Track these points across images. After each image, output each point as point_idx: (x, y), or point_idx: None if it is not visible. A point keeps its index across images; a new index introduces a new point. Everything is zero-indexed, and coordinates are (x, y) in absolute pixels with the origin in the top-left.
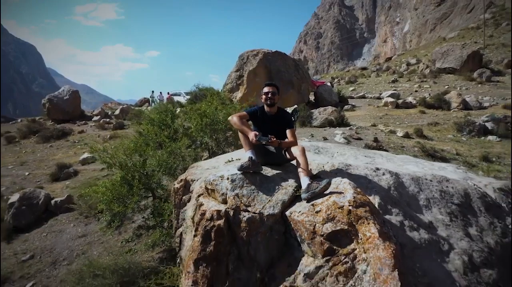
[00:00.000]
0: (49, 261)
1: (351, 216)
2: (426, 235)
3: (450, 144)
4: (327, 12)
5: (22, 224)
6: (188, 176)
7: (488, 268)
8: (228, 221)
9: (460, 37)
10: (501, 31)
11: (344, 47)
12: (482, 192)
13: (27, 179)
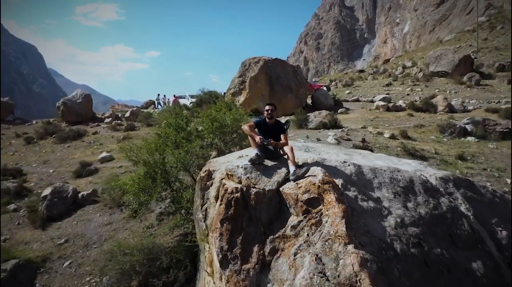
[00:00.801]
0: (82, 244)
1: (319, 189)
2: (373, 205)
3: (431, 144)
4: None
5: (54, 214)
6: (210, 168)
7: (414, 227)
8: (242, 194)
9: (456, 40)
10: (495, 34)
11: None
12: (425, 180)
13: (52, 176)
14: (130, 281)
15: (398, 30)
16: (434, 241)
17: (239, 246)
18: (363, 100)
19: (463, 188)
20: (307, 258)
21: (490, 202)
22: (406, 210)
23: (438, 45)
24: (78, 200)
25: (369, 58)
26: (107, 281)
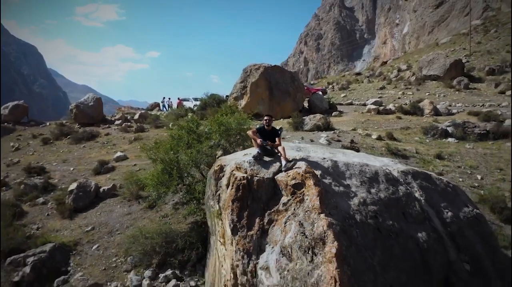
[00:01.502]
0: (106, 231)
1: (302, 177)
2: (343, 189)
3: (414, 145)
4: (327, 13)
5: (80, 206)
6: (222, 163)
7: (373, 205)
8: (247, 181)
9: (452, 43)
10: (488, 38)
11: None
12: (388, 173)
13: (73, 173)
14: (151, 260)
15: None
16: (388, 216)
17: (245, 218)
18: (356, 103)
19: (420, 179)
20: (293, 224)
21: (442, 191)
22: (369, 194)
23: (434, 48)
24: (99, 194)
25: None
26: (131, 260)
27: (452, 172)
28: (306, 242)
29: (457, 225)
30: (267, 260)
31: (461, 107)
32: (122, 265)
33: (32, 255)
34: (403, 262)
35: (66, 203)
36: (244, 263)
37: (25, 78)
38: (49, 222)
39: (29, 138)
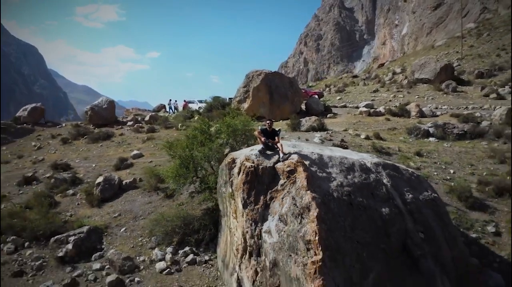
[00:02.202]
0: (131, 217)
1: (295, 165)
2: (325, 175)
3: (397, 143)
4: (327, 14)
5: (106, 196)
6: (233, 156)
7: (348, 187)
8: (254, 168)
9: (446, 46)
10: (481, 41)
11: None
12: (363, 164)
13: (96, 169)
14: (172, 239)
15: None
16: (360, 195)
17: (253, 196)
18: (350, 106)
19: (389, 169)
20: (288, 199)
21: (407, 179)
22: (345, 179)
23: (430, 50)
24: (122, 186)
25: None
26: (155, 240)
27: (429, 167)
28: (297, 210)
29: (416, 205)
30: (269, 226)
31: (446, 109)
32: (147, 243)
33: (73, 235)
34: (368, 227)
35: (94, 194)
36: (252, 229)
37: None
38: (80, 210)
39: (48, 138)
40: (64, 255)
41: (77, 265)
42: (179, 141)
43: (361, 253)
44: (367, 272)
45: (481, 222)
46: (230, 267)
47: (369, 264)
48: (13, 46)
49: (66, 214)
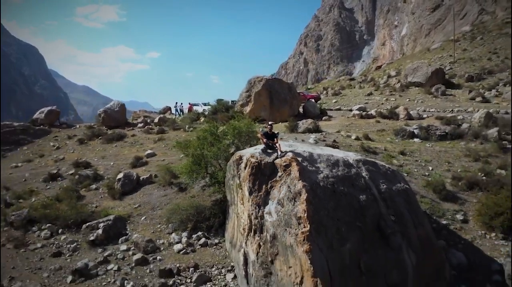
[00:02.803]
0: (149, 207)
1: (290, 160)
2: (314, 169)
3: (384, 144)
4: (327, 14)
5: (126, 190)
6: (241, 154)
7: (332, 178)
8: (258, 163)
9: (441, 49)
10: (474, 45)
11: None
12: (346, 160)
13: (114, 166)
14: (186, 225)
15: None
16: (342, 184)
17: (257, 185)
18: (344, 109)
19: (368, 165)
20: (284, 187)
21: (383, 173)
22: (331, 172)
23: (426, 53)
24: (140, 181)
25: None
26: (172, 226)
27: (410, 164)
28: (291, 195)
29: (389, 194)
30: (269, 208)
31: (434, 112)
32: (165, 229)
33: (102, 222)
34: (348, 209)
35: (116, 188)
36: (256, 211)
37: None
38: (103, 202)
39: (65, 138)
40: (95, 239)
41: (106, 247)
42: (191, 141)
43: (340, 228)
44: (344, 242)
45: (451, 211)
46: (237, 245)
47: (346, 236)
48: (14, 47)
49: (92, 206)
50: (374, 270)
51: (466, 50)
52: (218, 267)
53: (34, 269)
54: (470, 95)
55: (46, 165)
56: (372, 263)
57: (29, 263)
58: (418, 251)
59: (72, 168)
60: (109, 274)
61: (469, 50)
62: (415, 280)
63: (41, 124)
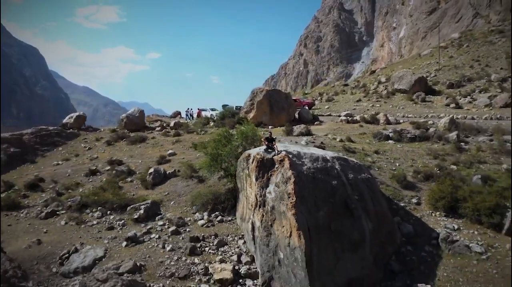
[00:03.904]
0: (176, 195)
1: (283, 157)
2: (300, 163)
3: (363, 145)
4: (326, 15)
5: (156, 182)
6: (249, 153)
7: (313, 169)
8: (262, 159)
9: (430, 55)
10: (460, 53)
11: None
12: (324, 157)
13: (142, 163)
14: (207, 207)
15: (394, 34)
16: (319, 173)
17: (261, 174)
18: (334, 115)
19: (340, 161)
20: (280, 174)
21: (352, 166)
22: (312, 165)
23: (416, 59)
24: (166, 175)
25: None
26: (195, 208)
27: (382, 161)
28: (284, 180)
29: (355, 180)
30: (270, 189)
31: (411, 117)
32: (190, 210)
33: (142, 205)
34: (323, 190)
35: (147, 180)
36: (260, 191)
37: (27, 79)
38: (139, 191)
39: (94, 140)
40: (138, 217)
41: (147, 223)
42: (208, 142)
43: (317, 201)
44: (319, 210)
45: (409, 197)
46: (246, 218)
47: (321, 207)
48: (15, 48)
49: (130, 194)
50: (341, 231)
51: (452, 57)
52: (232, 236)
53: (96, 238)
54: (446, 101)
55: (83, 163)
56: (340, 226)
57: (91, 235)
58: (374, 221)
59: (107, 165)
60: (152, 240)
61: (455, 58)
62: (371, 241)
63: (70, 127)
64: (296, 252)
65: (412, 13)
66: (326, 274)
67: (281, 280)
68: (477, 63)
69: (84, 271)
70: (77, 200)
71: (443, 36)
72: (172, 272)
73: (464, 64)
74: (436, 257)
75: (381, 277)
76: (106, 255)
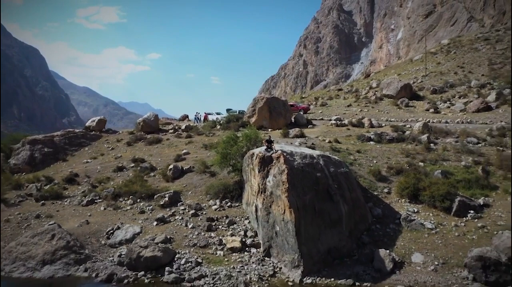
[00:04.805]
0: (193, 186)
1: (279, 154)
2: (292, 159)
3: (348, 145)
4: (326, 17)
5: (175, 176)
6: (253, 152)
7: (302, 164)
8: (263, 156)
9: (421, 61)
10: (447, 59)
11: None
12: (312, 155)
13: (161, 161)
14: (218, 195)
15: (392, 36)
16: (307, 167)
17: (262, 167)
18: (326, 119)
19: (324, 158)
20: (277, 168)
21: (333, 162)
22: (301, 161)
23: (408, 64)
24: (183, 170)
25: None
26: (209, 196)
27: (362, 159)
28: (279, 172)
29: (335, 173)
30: (269, 179)
31: (394, 121)
32: (205, 198)
33: (167, 194)
34: (309, 180)
35: (168, 175)
36: (262, 181)
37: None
38: (161, 184)
39: (115, 141)
40: (164, 203)
41: (171, 208)
42: (219, 143)
43: (304, 188)
44: (306, 194)
45: (381, 187)
46: (251, 202)
47: (307, 192)
48: (16, 49)
49: (154, 186)
50: (323, 211)
51: (440, 63)
52: (239, 217)
53: (132, 219)
54: (427, 106)
55: (109, 161)
56: (322, 207)
57: (127, 217)
58: (350, 205)
59: (132, 162)
60: (177, 220)
61: (442, 64)
62: (347, 220)
63: (92, 130)
64: (288, 224)
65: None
66: (311, 242)
67: (277, 247)
68: (461, 69)
69: (127, 242)
70: (111, 190)
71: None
72: (195, 243)
73: (450, 70)
74: (397, 232)
75: (354, 246)
76: (142, 231)
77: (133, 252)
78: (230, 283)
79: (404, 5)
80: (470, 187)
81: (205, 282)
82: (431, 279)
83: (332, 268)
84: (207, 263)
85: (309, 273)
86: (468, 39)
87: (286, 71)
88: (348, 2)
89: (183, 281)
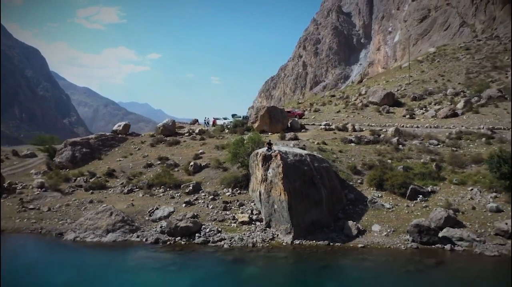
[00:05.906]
0: (209, 178)
1: (277, 153)
2: (286, 157)
3: (332, 146)
4: (325, 18)
5: (195, 171)
6: (257, 151)
7: (294, 161)
8: (265, 154)
9: (407, 68)
10: (430, 67)
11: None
12: (301, 154)
13: (182, 159)
14: (230, 185)
15: (390, 38)
16: (298, 163)
17: (264, 163)
18: (317, 124)
19: (312, 157)
20: (275, 163)
21: (318, 159)
22: (293, 158)
23: (398, 71)
24: (201, 166)
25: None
26: (223, 186)
27: (343, 157)
28: (277, 166)
29: (319, 167)
30: (269, 171)
31: (374, 126)
32: (220, 187)
33: (191, 183)
34: (299, 172)
35: (189, 170)
36: (264, 173)
37: (29, 81)
38: (184, 177)
39: (139, 143)
40: (188, 191)
41: (195, 194)
42: (229, 145)
43: (295, 177)
44: (296, 182)
45: (356, 179)
46: (255, 189)
47: (297, 180)
48: (17, 50)
49: (179, 178)
50: (308, 194)
51: (424, 71)
52: (247, 201)
53: (165, 202)
54: (404, 113)
55: (138, 159)
56: (308, 192)
57: (162, 201)
58: (329, 191)
59: (158, 160)
60: (200, 203)
61: (425, 72)
62: (327, 202)
63: (119, 133)
64: (283, 203)
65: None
66: (300, 216)
67: (275, 220)
68: (441, 77)
69: (165, 218)
70: (146, 182)
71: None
72: (215, 218)
73: (431, 78)
74: (364, 211)
75: (331, 220)
76: (175, 211)
77: (172, 223)
78: (242, 243)
79: (401, 8)
80: (424, 178)
81: (224, 243)
82: (383, 241)
83: (314, 234)
84: (225, 231)
85: (297, 237)
86: (452, 49)
87: (285, 72)
88: (347, 4)
89: (208, 242)
